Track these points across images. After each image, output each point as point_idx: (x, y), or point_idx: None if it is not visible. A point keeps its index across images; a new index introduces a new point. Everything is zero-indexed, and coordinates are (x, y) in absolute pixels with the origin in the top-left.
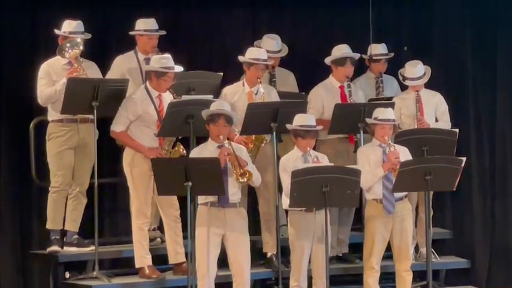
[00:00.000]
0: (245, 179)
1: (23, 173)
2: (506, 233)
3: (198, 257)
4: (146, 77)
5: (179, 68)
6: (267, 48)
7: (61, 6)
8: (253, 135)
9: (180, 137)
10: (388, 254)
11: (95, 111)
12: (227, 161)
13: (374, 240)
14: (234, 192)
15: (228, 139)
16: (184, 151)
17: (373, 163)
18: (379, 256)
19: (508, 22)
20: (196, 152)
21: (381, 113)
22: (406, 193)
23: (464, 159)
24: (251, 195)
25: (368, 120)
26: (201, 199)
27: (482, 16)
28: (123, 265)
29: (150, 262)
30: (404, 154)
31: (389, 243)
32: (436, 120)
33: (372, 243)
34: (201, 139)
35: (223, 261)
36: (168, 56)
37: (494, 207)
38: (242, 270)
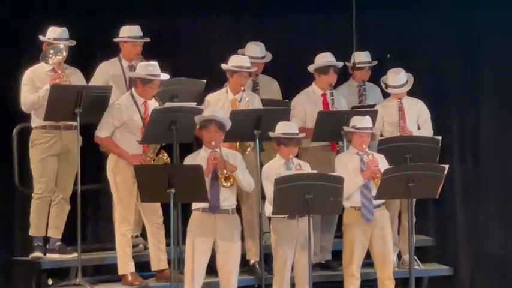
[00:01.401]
0: (229, 183)
1: (5, 180)
2: (489, 241)
3: (186, 263)
4: (132, 83)
5: (165, 76)
6: (251, 54)
7: (46, 13)
8: (237, 143)
9: (164, 144)
10: (370, 262)
11: (78, 117)
12: (219, 168)
13: (353, 248)
14: (226, 197)
15: (219, 146)
16: (168, 159)
17: (351, 171)
18: (359, 263)
19: (491, 31)
20: (190, 159)
21: (358, 121)
22: (383, 200)
23: (447, 166)
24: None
25: (346, 128)
26: (194, 205)
27: (465, 25)
28: (106, 272)
29: (133, 269)
30: (381, 162)
31: (370, 250)
32: (419, 128)
33: (351, 251)
34: (185, 146)
35: (210, 268)
36: (154, 63)
37: (477, 215)
38: (229, 277)
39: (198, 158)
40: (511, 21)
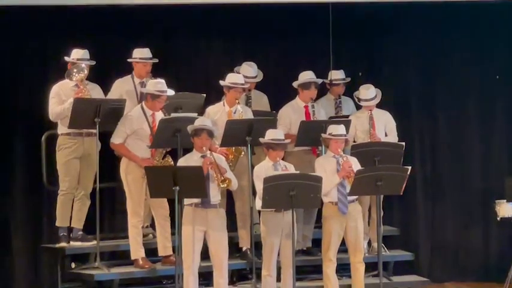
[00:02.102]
0: (225, 185)
1: (35, 179)
2: (444, 231)
3: (184, 250)
4: (142, 98)
5: (171, 92)
6: (245, 74)
7: (69, 36)
8: (233, 148)
9: (169, 150)
10: (344, 248)
11: (97, 126)
12: (209, 169)
13: (330, 237)
14: (214, 194)
15: (210, 150)
16: (172, 162)
17: (329, 172)
18: (335, 250)
19: (445, 55)
20: (183, 161)
21: (334, 129)
22: (356, 196)
23: (409, 168)
24: (229, 197)
25: (323, 135)
26: (186, 201)
27: (424, 48)
28: (121, 257)
29: (143, 254)
30: (354, 164)
31: (344, 239)
32: (386, 135)
33: (329, 239)
34: (187, 150)
35: (205, 254)
36: (162, 81)
37: (435, 209)
38: (221, 262)
39: (191, 160)
40: (460, 49)
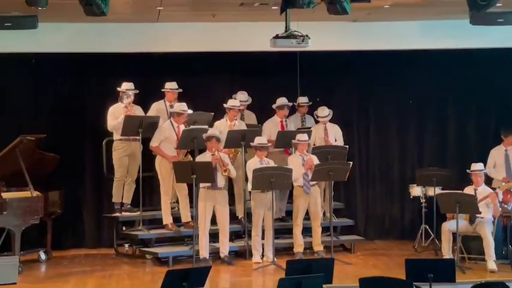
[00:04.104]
0: (226, 173)
1: (98, 170)
2: (375, 205)
3: (199, 218)
4: (171, 115)
5: (190, 111)
6: (240, 99)
7: (120, 74)
8: (233, 149)
9: (189, 150)
10: (307, 217)
11: (140, 134)
12: (216, 163)
13: (298, 209)
14: (220, 180)
15: (217, 151)
16: (191, 158)
17: (297, 166)
18: (301, 217)
19: (376, 83)
20: (199, 158)
21: (300, 137)
22: (316, 182)
23: (351, 163)
24: (230, 183)
25: (293, 141)
26: (201, 185)
27: (361, 82)
28: (156, 223)
29: (171, 221)
30: (314, 160)
31: (308, 210)
32: (335, 141)
33: (297, 211)
34: (202, 151)
35: (213, 221)
36: (184, 104)
37: (368, 190)
38: (224, 226)
39: (204, 157)
40: (383, 83)
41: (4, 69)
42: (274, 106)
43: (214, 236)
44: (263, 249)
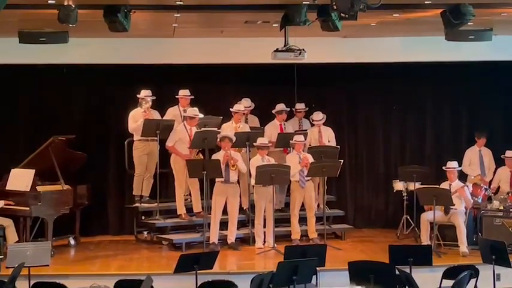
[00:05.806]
0: (235, 168)
1: (121, 166)
2: (362, 198)
3: (212, 209)
4: (184, 119)
5: (201, 115)
6: (244, 104)
7: (138, 82)
8: (239, 148)
9: (200, 149)
10: (303, 208)
11: (158, 135)
12: (228, 160)
13: (295, 201)
14: (232, 175)
15: (229, 149)
16: (202, 156)
17: (294, 163)
18: (298, 208)
19: (362, 93)
20: (214, 155)
21: (297, 138)
22: (310, 177)
23: (342, 161)
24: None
25: (291, 141)
26: (217, 180)
27: (350, 91)
28: (171, 213)
29: (184, 211)
30: (310, 158)
31: (303, 202)
32: (328, 142)
33: (294, 203)
34: (211, 150)
35: (224, 211)
36: (196, 108)
37: (357, 185)
38: (234, 216)
39: (219, 155)
40: (369, 92)
41: (40, 80)
42: (274, 111)
43: (222, 225)
44: (265, 236)
